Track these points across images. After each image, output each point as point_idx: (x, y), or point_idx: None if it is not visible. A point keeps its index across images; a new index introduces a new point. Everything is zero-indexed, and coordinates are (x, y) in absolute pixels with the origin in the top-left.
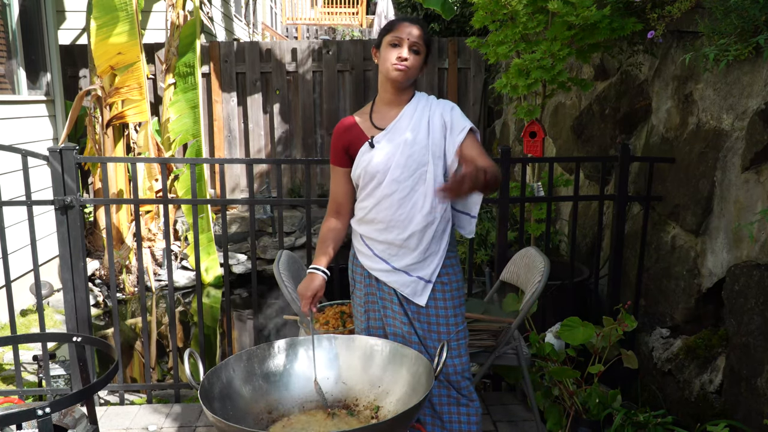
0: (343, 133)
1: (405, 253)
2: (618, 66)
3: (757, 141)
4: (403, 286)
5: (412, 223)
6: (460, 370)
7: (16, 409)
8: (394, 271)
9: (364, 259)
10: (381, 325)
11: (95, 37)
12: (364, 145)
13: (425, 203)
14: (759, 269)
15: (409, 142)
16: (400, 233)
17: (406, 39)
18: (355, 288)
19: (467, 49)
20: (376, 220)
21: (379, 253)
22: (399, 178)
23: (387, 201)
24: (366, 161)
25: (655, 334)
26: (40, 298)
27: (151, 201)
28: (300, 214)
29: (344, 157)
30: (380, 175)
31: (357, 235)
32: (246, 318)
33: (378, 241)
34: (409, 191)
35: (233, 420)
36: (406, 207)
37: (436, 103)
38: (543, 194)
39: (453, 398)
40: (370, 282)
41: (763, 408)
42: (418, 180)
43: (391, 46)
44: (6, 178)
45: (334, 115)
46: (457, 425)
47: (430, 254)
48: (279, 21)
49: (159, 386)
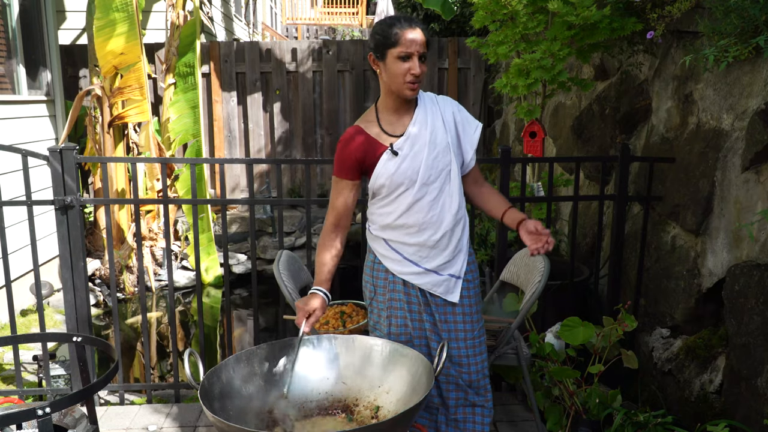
0: (353, 144)
1: (436, 253)
2: (618, 66)
3: (757, 141)
4: (436, 286)
5: (443, 224)
6: (481, 368)
7: (16, 409)
8: (425, 272)
9: (391, 264)
10: (404, 331)
11: (97, 37)
12: (384, 153)
13: (452, 203)
14: (759, 269)
15: (432, 142)
16: (433, 234)
17: (415, 52)
18: (376, 294)
19: (467, 49)
20: (407, 225)
21: (409, 256)
22: (428, 180)
23: (418, 205)
24: (391, 169)
25: (655, 334)
26: (40, 298)
27: (151, 201)
28: (300, 214)
29: (355, 170)
30: (408, 181)
31: (379, 241)
32: (246, 318)
33: (408, 245)
34: (438, 192)
35: (233, 420)
36: (436, 209)
37: (440, 100)
38: (543, 194)
39: (469, 400)
40: (395, 287)
41: (763, 408)
42: (444, 180)
43: (399, 59)
44: (6, 178)
45: (334, 115)
46: (471, 425)
47: (458, 251)
48: (279, 21)
49: (159, 386)
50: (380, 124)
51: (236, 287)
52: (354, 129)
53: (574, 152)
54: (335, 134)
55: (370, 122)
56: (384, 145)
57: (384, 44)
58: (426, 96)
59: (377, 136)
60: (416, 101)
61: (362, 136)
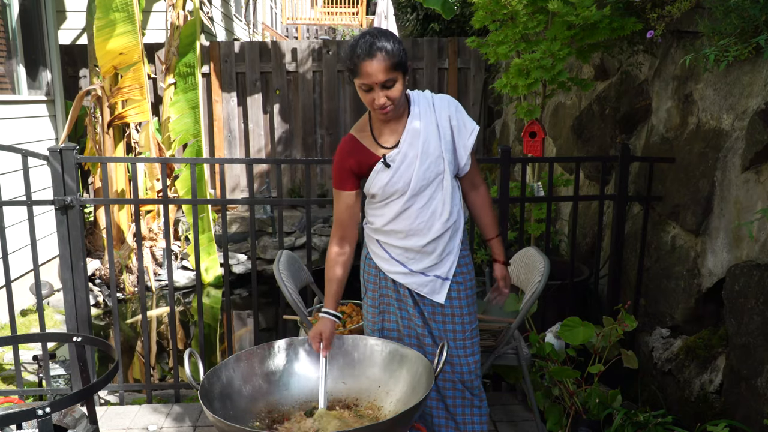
0: (347, 155)
1: (422, 257)
2: (618, 66)
3: (757, 141)
4: (421, 286)
5: (431, 231)
6: (473, 369)
7: (16, 409)
8: (411, 273)
9: (380, 262)
10: (396, 327)
11: (97, 37)
12: (377, 165)
13: (444, 210)
14: (759, 269)
15: (424, 153)
16: (419, 240)
17: (374, 84)
18: (367, 290)
19: (467, 49)
20: (395, 230)
21: (396, 257)
22: (419, 190)
23: (407, 213)
24: (383, 181)
25: (655, 334)
26: (40, 298)
27: (151, 201)
28: (300, 214)
29: (351, 180)
30: (400, 191)
31: (372, 240)
32: (246, 318)
33: (396, 247)
34: (428, 200)
35: (233, 420)
36: (425, 216)
37: (437, 102)
38: (543, 194)
39: (467, 400)
40: (386, 284)
41: (763, 408)
42: (436, 188)
43: (363, 91)
44: (6, 178)
45: (334, 115)
46: (470, 426)
47: (446, 254)
48: (279, 21)
49: (159, 386)
50: (373, 134)
51: (236, 287)
52: (347, 139)
53: (574, 152)
54: (335, 134)
55: (363, 132)
56: (376, 155)
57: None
58: (422, 98)
59: (370, 146)
60: (409, 107)
61: (355, 146)
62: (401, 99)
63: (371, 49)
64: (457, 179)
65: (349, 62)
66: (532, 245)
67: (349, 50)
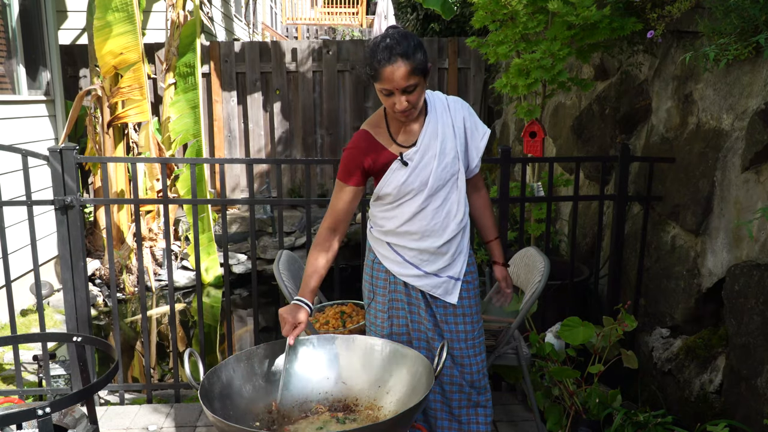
0: (361, 151)
1: (437, 258)
2: (618, 66)
3: (757, 141)
4: (435, 288)
5: (446, 232)
6: (481, 368)
7: (16, 409)
8: (425, 275)
9: (392, 266)
10: (405, 331)
11: (97, 37)
12: (393, 163)
13: (458, 211)
14: (759, 269)
15: (441, 153)
16: (435, 241)
17: (395, 89)
18: (376, 294)
19: (467, 49)
20: (410, 232)
21: (410, 259)
22: (435, 190)
23: (422, 213)
24: (400, 179)
25: (655, 334)
26: (40, 298)
27: (151, 201)
28: (300, 214)
29: (361, 176)
30: (416, 190)
31: (382, 243)
32: (246, 318)
33: (410, 249)
34: (443, 200)
35: (233, 420)
36: (440, 216)
37: (452, 103)
38: (543, 194)
39: (473, 401)
40: (396, 288)
41: (763, 408)
42: (451, 188)
43: (383, 95)
44: (6, 178)
45: (334, 114)
46: (475, 426)
47: (458, 254)
48: (279, 21)
49: (159, 386)
50: (389, 131)
51: (236, 287)
52: (362, 134)
53: (574, 152)
54: (335, 134)
55: (379, 128)
56: (392, 153)
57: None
58: (437, 99)
59: (386, 143)
60: (426, 107)
61: (370, 142)
62: (420, 105)
63: (392, 54)
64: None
65: (369, 66)
66: (532, 245)
67: (369, 54)
